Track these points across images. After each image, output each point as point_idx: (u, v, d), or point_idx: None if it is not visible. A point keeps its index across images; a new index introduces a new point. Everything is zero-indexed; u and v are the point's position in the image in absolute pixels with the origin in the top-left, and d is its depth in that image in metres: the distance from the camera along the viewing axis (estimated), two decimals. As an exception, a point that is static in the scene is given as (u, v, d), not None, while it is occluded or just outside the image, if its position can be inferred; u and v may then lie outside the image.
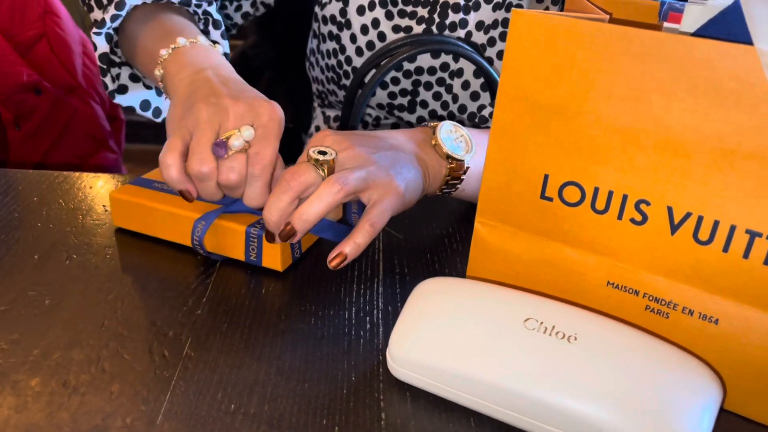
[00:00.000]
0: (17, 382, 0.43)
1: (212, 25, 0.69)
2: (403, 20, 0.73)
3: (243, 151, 0.50)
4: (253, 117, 0.50)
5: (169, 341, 0.47)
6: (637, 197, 0.43)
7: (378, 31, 0.74)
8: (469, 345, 0.41)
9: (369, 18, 0.74)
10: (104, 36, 0.64)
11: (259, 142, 0.50)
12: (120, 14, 0.63)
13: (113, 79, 0.68)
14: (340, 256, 0.49)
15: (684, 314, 0.43)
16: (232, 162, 0.49)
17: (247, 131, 0.49)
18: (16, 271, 0.54)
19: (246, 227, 0.54)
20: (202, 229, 0.54)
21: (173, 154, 0.49)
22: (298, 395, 0.43)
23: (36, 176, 0.70)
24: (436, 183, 0.57)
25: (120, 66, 0.69)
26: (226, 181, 0.50)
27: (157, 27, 0.62)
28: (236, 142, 0.49)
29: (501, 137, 0.46)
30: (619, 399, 0.37)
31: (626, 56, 0.40)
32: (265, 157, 0.50)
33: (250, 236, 0.54)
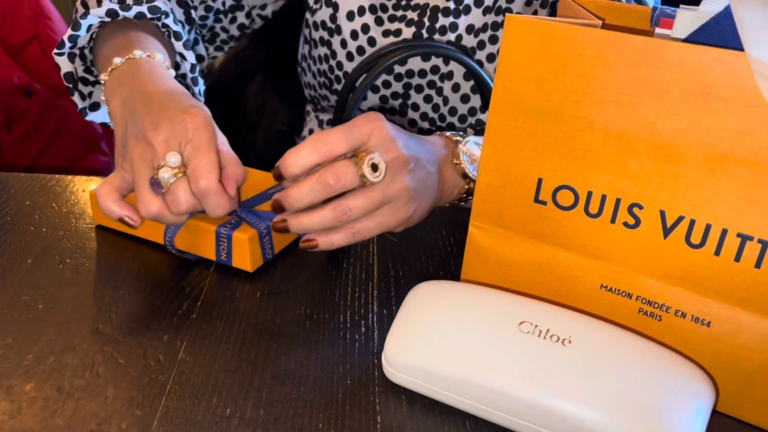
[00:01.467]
0: (11, 387, 0.43)
1: (174, 37, 0.67)
2: (393, 24, 0.74)
3: (182, 175, 0.48)
4: (178, 136, 0.48)
5: (163, 345, 0.47)
6: (629, 201, 0.43)
7: (368, 36, 0.74)
8: (464, 348, 0.41)
9: (359, 23, 0.74)
10: (67, 56, 0.64)
11: (192, 158, 0.48)
12: (77, 34, 0.62)
13: (83, 97, 0.67)
14: (311, 243, 0.50)
15: (677, 317, 0.44)
16: (172, 194, 0.48)
17: (172, 158, 0.48)
18: (9, 275, 0.54)
19: (216, 227, 0.54)
20: (173, 229, 0.54)
21: (106, 187, 0.50)
22: (293, 399, 0.43)
23: (28, 179, 0.69)
24: (449, 198, 0.57)
25: (93, 84, 0.69)
26: (176, 211, 0.49)
27: (108, 46, 0.61)
28: (165, 175, 0.47)
29: (495, 141, 0.47)
30: (612, 401, 0.37)
31: (619, 62, 0.40)
32: (203, 172, 0.47)
33: (221, 236, 0.54)
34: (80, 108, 0.68)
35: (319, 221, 0.48)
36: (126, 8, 0.62)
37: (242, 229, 0.54)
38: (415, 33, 0.73)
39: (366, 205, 0.49)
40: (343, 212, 0.48)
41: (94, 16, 0.61)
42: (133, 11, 0.62)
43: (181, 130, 0.48)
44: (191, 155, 0.48)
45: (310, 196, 0.47)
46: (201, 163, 0.47)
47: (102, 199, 0.50)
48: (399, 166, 0.50)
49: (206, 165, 0.47)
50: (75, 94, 0.66)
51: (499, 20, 0.72)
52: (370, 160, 0.48)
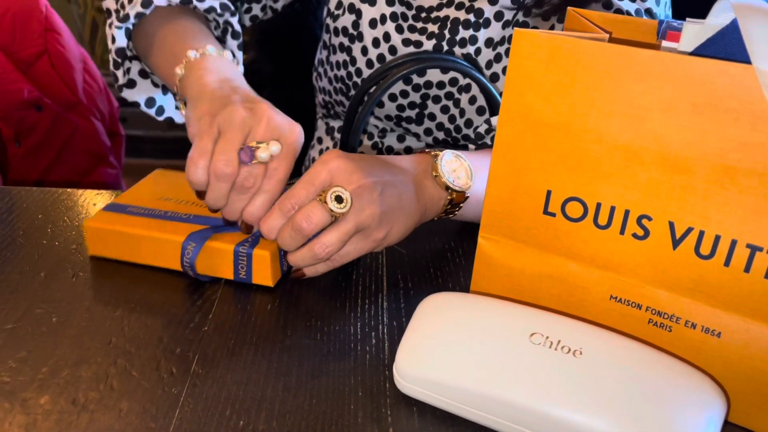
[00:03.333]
0: (26, 400, 0.43)
1: (231, 35, 0.70)
2: (413, 35, 0.75)
3: (264, 163, 0.51)
4: (282, 133, 0.52)
5: (176, 358, 0.47)
6: (638, 212, 0.43)
7: (389, 44, 0.75)
8: (476, 360, 0.41)
9: (381, 32, 0.75)
10: (124, 30, 0.66)
11: (281, 159, 0.52)
12: (145, 12, 0.65)
13: (124, 73, 0.70)
14: (299, 273, 0.55)
15: (687, 327, 0.44)
16: (253, 169, 0.51)
17: (275, 146, 0.51)
18: (23, 289, 0.54)
19: (234, 246, 0.54)
20: (193, 251, 0.54)
21: (205, 158, 0.51)
22: (305, 411, 0.43)
23: (39, 193, 0.70)
24: (435, 211, 0.58)
25: (131, 60, 0.71)
26: (240, 184, 0.51)
27: (179, 29, 0.64)
28: (263, 155, 0.51)
29: (504, 153, 0.47)
30: (624, 413, 0.38)
31: (627, 75, 0.41)
32: (282, 174, 0.52)
33: (239, 255, 0.54)
34: (119, 84, 0.70)
35: (301, 260, 0.52)
36: None
37: (261, 246, 0.54)
38: (435, 45, 0.74)
39: (341, 238, 0.51)
40: (321, 250, 0.51)
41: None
42: (206, 4, 0.65)
43: (288, 132, 0.52)
44: (281, 158, 0.52)
45: (291, 244, 0.51)
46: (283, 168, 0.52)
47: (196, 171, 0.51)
48: (364, 193, 0.51)
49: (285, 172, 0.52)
50: (120, 69, 0.69)
51: None
52: (333, 193, 0.50)
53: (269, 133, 0.51)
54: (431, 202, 0.56)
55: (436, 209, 0.57)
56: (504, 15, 0.72)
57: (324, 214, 0.50)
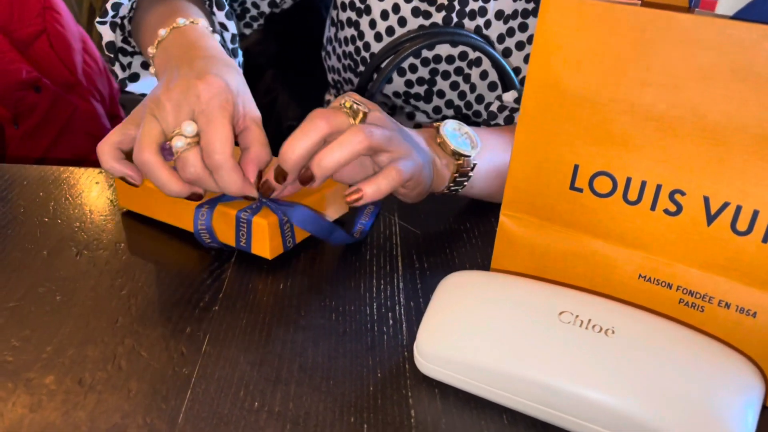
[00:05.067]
0: (30, 380, 0.41)
1: (216, 6, 0.67)
2: (422, 4, 0.72)
3: (195, 145, 0.47)
4: (191, 103, 0.47)
5: (186, 338, 0.45)
6: (671, 187, 0.41)
7: (398, 16, 0.73)
8: (502, 339, 0.39)
9: (389, 3, 0.73)
10: (109, 25, 0.63)
11: (206, 131, 0.46)
12: (120, 2, 0.62)
13: (123, 67, 0.67)
14: (358, 193, 0.47)
15: (720, 307, 0.42)
16: (181, 161, 0.47)
17: (188, 127, 0.46)
18: (25, 267, 0.52)
19: (237, 211, 0.52)
20: (206, 217, 0.52)
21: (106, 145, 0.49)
22: (323, 393, 0.41)
23: (40, 171, 0.68)
24: (444, 180, 0.55)
25: (132, 55, 0.69)
26: (183, 177, 0.47)
27: (160, 10, 0.61)
28: (178, 143, 0.46)
29: (529, 126, 0.45)
30: (660, 394, 0.36)
31: (662, 41, 0.39)
32: (216, 146, 0.46)
33: (240, 221, 0.52)
34: (120, 78, 0.68)
35: (339, 147, 0.45)
36: None
37: (262, 214, 0.52)
38: (444, 17, 0.72)
39: (382, 132, 0.46)
40: (364, 130, 0.45)
41: None
42: None
43: (194, 98, 0.47)
44: (204, 126, 0.46)
45: (303, 143, 0.45)
46: (214, 136, 0.46)
47: (103, 156, 0.49)
48: (386, 121, 0.49)
49: (219, 139, 0.46)
50: (116, 65, 0.66)
51: (529, 7, 0.70)
52: (347, 100, 0.48)
53: (177, 113, 0.47)
54: (440, 166, 0.55)
55: (446, 176, 0.55)
56: None
57: (341, 113, 0.46)
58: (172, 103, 0.47)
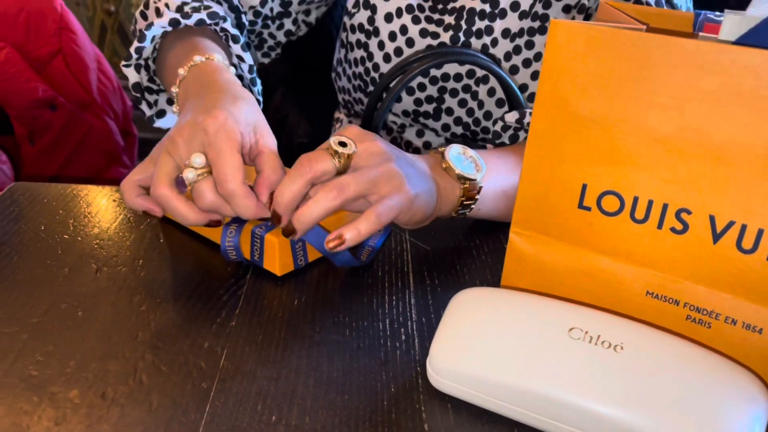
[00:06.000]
0: (55, 394, 0.42)
1: (231, 41, 0.69)
2: (430, 26, 0.74)
3: (208, 176, 0.49)
4: (200, 138, 0.49)
5: (204, 353, 0.47)
6: (678, 206, 0.43)
7: (406, 37, 0.75)
8: (513, 355, 0.40)
9: (397, 25, 0.75)
10: (134, 67, 0.66)
11: (215, 161, 0.48)
12: (143, 46, 0.64)
13: (150, 105, 0.70)
14: (339, 240, 0.48)
15: (727, 324, 0.43)
16: (196, 192, 0.49)
17: (197, 159, 0.49)
18: (47, 284, 0.54)
19: (253, 227, 0.54)
20: (235, 235, 0.54)
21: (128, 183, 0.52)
22: (338, 407, 0.42)
23: (60, 189, 0.69)
24: (450, 205, 0.57)
25: (158, 93, 0.71)
26: (200, 207, 0.49)
27: (179, 49, 0.63)
28: (189, 175, 0.49)
29: (538, 146, 0.46)
30: (669, 409, 0.37)
31: (667, 65, 0.40)
32: (226, 174, 0.48)
33: (255, 236, 0.54)
34: (148, 116, 0.70)
35: (314, 205, 0.48)
36: (186, 16, 0.64)
37: (275, 232, 0.54)
38: (452, 36, 0.73)
39: (357, 182, 0.48)
40: (336, 188, 0.48)
41: (158, 26, 0.63)
42: (194, 18, 0.64)
43: (202, 133, 0.49)
44: (214, 159, 0.48)
45: (290, 188, 0.48)
46: (223, 167, 0.48)
47: (126, 194, 0.52)
48: (379, 153, 0.50)
49: (228, 167, 0.48)
50: (142, 103, 0.69)
51: (535, 26, 0.72)
52: (335, 140, 0.49)
53: (188, 147, 0.49)
54: (445, 191, 0.56)
55: (452, 200, 0.57)
56: (520, 5, 0.72)
57: (325, 157, 0.48)
58: (183, 139, 0.50)
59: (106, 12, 2.39)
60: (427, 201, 0.53)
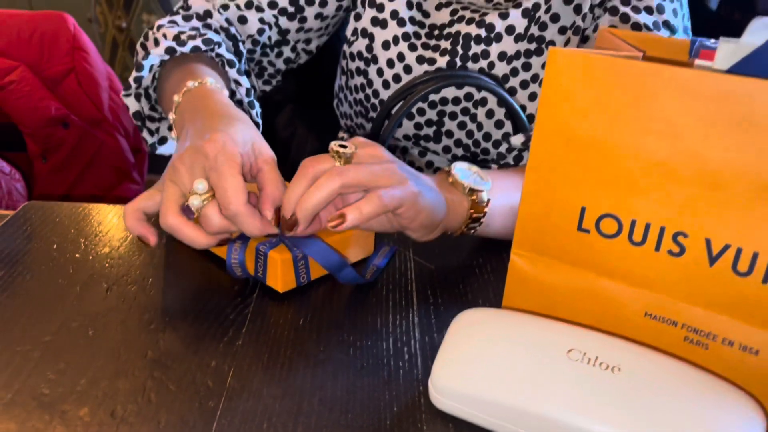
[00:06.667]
0: (66, 412, 0.43)
1: (227, 65, 0.70)
2: (426, 52, 0.76)
3: (212, 199, 0.50)
4: (201, 163, 0.51)
5: (212, 371, 0.48)
6: (674, 229, 0.43)
7: (404, 64, 0.76)
8: (513, 375, 0.41)
9: (394, 52, 0.76)
10: (134, 96, 0.67)
11: (217, 185, 0.50)
12: (141, 75, 0.66)
13: (151, 132, 0.71)
14: (340, 218, 0.49)
15: (724, 345, 0.44)
16: (203, 217, 0.50)
17: (199, 185, 0.50)
18: (58, 302, 0.55)
19: (257, 244, 0.55)
20: (240, 252, 0.55)
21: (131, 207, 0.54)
22: (342, 426, 0.43)
23: (71, 208, 0.71)
24: (459, 218, 0.58)
25: (159, 120, 0.73)
26: (209, 230, 0.51)
27: (176, 77, 0.65)
28: (195, 202, 0.50)
29: (538, 170, 0.47)
30: (665, 430, 0.37)
31: (664, 93, 0.41)
32: (229, 197, 0.49)
33: (258, 253, 0.55)
34: (150, 143, 0.72)
35: (316, 190, 0.49)
36: (182, 44, 0.65)
37: (279, 249, 0.55)
38: (449, 62, 0.75)
39: (357, 171, 0.49)
40: (337, 174, 0.48)
41: (155, 55, 0.65)
42: (189, 46, 0.65)
43: (202, 158, 0.51)
44: (215, 181, 0.50)
45: (295, 190, 0.50)
46: (225, 189, 0.49)
47: (127, 216, 0.54)
48: (381, 156, 0.51)
49: (231, 189, 0.49)
50: (144, 131, 0.70)
51: (531, 47, 0.73)
52: (336, 143, 0.50)
53: (191, 175, 0.51)
54: (453, 204, 0.57)
55: (461, 214, 0.58)
56: (516, 29, 0.73)
57: (326, 157, 0.50)
58: (185, 167, 0.51)
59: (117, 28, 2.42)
60: (432, 203, 0.53)
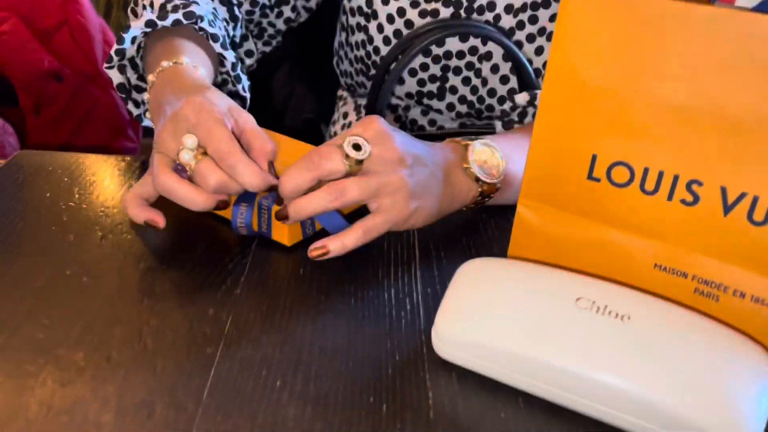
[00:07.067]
0: (60, 356, 0.42)
1: (211, 40, 0.67)
2: (429, 4, 0.73)
3: (203, 156, 0.49)
4: (183, 125, 0.49)
5: (209, 319, 0.47)
6: (688, 177, 0.42)
7: (405, 19, 0.74)
8: (519, 324, 0.40)
9: (394, 7, 0.74)
10: (117, 68, 0.64)
11: (207, 140, 0.48)
12: (122, 48, 0.63)
13: (137, 104, 0.68)
14: (323, 249, 0.50)
15: (735, 297, 0.43)
16: (198, 174, 0.49)
17: (188, 140, 0.49)
18: (52, 250, 0.54)
19: (259, 198, 0.54)
20: (246, 214, 0.53)
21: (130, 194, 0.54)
22: (343, 374, 0.42)
23: (65, 158, 0.69)
24: (463, 201, 0.56)
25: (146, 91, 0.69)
26: (208, 187, 0.49)
27: (156, 51, 0.62)
28: (186, 156, 0.49)
29: (548, 117, 0.46)
30: (674, 379, 0.37)
31: (683, 34, 0.39)
32: (223, 147, 0.48)
33: (261, 207, 0.54)
34: (135, 115, 0.69)
35: (312, 201, 0.48)
36: (163, 17, 0.62)
37: None
38: (453, 13, 0.72)
39: (360, 188, 0.48)
40: (337, 191, 0.48)
41: (136, 28, 0.62)
42: (170, 19, 0.62)
43: (184, 121, 0.50)
44: (204, 137, 0.48)
45: (296, 178, 0.48)
46: (219, 140, 0.48)
47: (127, 206, 0.54)
48: (393, 160, 0.49)
49: (223, 140, 0.48)
50: (129, 103, 0.68)
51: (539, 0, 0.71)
52: (350, 141, 0.48)
53: (178, 136, 0.49)
54: (460, 193, 0.55)
55: (465, 200, 0.56)
56: None
57: (337, 157, 0.48)
58: (168, 133, 0.50)
59: (111, -13, 2.37)
60: (427, 212, 0.52)
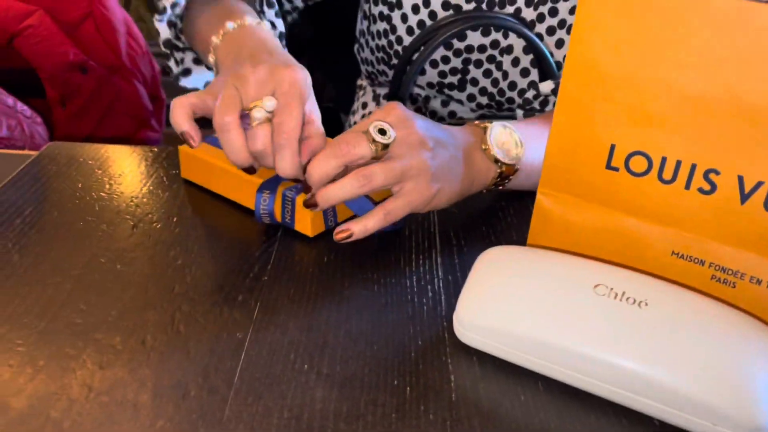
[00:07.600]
0: (99, 340, 0.45)
1: (266, 5, 0.69)
2: None
3: (267, 122, 0.50)
4: (274, 84, 0.51)
5: (238, 305, 0.48)
6: (706, 167, 0.43)
7: (429, 9, 0.75)
8: (539, 309, 0.41)
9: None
10: (166, 23, 0.66)
11: (282, 111, 0.50)
12: (179, 2, 0.64)
13: (177, 62, 0.70)
14: (346, 232, 0.51)
15: (751, 284, 0.43)
16: (255, 131, 0.50)
17: (269, 102, 0.50)
18: (87, 238, 0.56)
19: (283, 189, 0.55)
20: (269, 201, 0.55)
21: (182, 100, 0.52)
22: (367, 357, 0.44)
23: (95, 149, 0.71)
24: (483, 183, 0.57)
25: (183, 51, 0.72)
26: (252, 148, 0.51)
27: (211, 13, 0.64)
28: (257, 114, 0.50)
29: (567, 107, 0.47)
30: (691, 364, 0.38)
31: (702, 25, 0.40)
32: (288, 127, 0.50)
33: (286, 198, 0.55)
34: (175, 74, 0.70)
35: (341, 188, 0.50)
36: None
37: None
38: (475, 6, 0.73)
39: (386, 173, 0.49)
40: (364, 177, 0.49)
41: None
42: None
43: (278, 80, 0.51)
44: (281, 108, 0.50)
45: (324, 166, 0.49)
46: (288, 120, 0.50)
47: (175, 110, 0.51)
48: (415, 143, 0.51)
49: (292, 123, 0.50)
50: (171, 60, 0.69)
51: None
52: (376, 126, 0.50)
53: (260, 88, 0.51)
54: (479, 174, 0.56)
55: (485, 181, 0.57)
56: None
57: (363, 140, 0.49)
58: (256, 79, 0.51)
59: (131, -22, 2.39)
60: (448, 194, 0.54)
